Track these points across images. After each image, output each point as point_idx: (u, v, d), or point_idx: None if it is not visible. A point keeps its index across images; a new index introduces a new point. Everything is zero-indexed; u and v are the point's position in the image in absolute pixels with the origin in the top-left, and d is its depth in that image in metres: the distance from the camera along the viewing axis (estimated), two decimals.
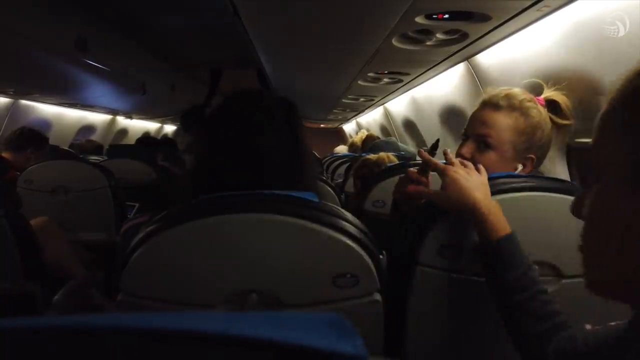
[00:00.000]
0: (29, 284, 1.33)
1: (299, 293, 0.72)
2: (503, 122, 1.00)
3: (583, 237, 0.46)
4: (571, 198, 0.82)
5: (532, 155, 1.01)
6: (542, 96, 1.07)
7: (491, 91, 1.06)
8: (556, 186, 0.86)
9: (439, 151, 0.98)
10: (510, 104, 1.01)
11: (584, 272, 0.47)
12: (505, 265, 0.74)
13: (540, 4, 1.24)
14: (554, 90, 1.08)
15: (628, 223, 0.41)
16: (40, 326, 0.14)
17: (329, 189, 1.81)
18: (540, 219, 0.85)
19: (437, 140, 1.04)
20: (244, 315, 0.15)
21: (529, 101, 1.02)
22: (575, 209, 0.49)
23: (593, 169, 0.45)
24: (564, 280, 0.86)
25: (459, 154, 1.03)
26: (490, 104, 1.02)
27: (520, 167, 1.02)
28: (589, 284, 0.46)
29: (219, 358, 0.13)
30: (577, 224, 0.70)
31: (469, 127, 1.05)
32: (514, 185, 0.86)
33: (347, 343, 0.14)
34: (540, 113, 1.02)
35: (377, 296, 0.74)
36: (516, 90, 1.04)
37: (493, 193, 0.85)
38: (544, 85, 1.11)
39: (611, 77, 1.12)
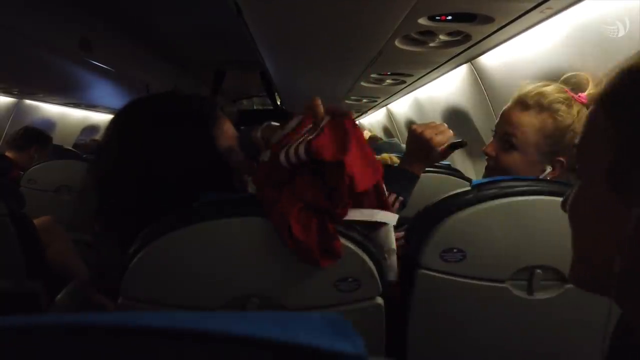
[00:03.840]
0: (32, 282, 1.33)
1: (301, 297, 0.72)
2: (529, 123, 0.96)
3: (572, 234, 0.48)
4: None
5: (562, 159, 0.97)
6: (586, 92, 1.01)
7: (524, 87, 1.01)
8: (561, 190, 0.85)
9: None
10: (539, 104, 0.96)
11: (570, 267, 0.48)
12: None
13: (543, 6, 1.24)
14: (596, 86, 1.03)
15: (602, 223, 0.42)
16: (44, 324, 0.14)
17: None
18: (544, 223, 0.84)
19: (462, 141, 1.01)
20: (245, 315, 0.15)
21: (562, 101, 0.97)
22: (563, 205, 0.51)
23: (577, 166, 0.46)
24: (567, 285, 0.86)
25: (484, 151, 1.04)
26: (519, 103, 0.99)
27: (548, 169, 0.98)
28: (571, 277, 0.48)
29: (219, 357, 0.13)
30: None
31: (498, 124, 1.03)
32: (518, 189, 0.85)
33: (347, 342, 0.14)
34: (574, 114, 0.96)
35: (379, 300, 0.74)
36: (549, 89, 0.99)
37: (497, 197, 0.85)
38: (589, 79, 1.06)
39: None
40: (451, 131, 1.01)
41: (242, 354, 0.13)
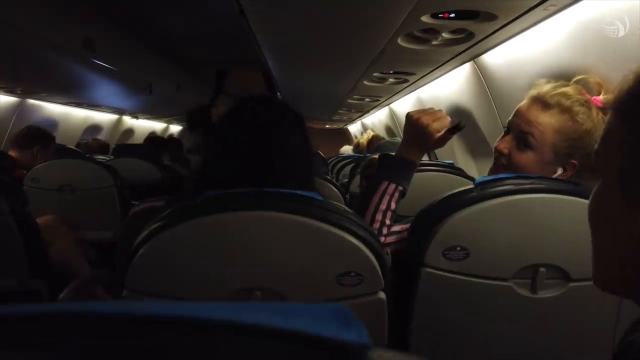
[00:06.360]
0: (35, 281, 1.33)
1: (304, 291, 0.72)
2: (548, 123, 0.94)
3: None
4: (582, 200, 0.81)
5: (575, 161, 0.95)
6: (601, 96, 0.99)
7: (541, 86, 0.98)
8: (566, 188, 0.84)
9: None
10: (560, 105, 0.94)
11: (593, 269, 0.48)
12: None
13: (546, 3, 1.23)
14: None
15: (615, 224, 0.42)
16: (54, 312, 0.14)
17: (334, 188, 1.81)
18: (548, 221, 0.84)
19: (460, 123, 1.00)
20: (250, 305, 0.15)
21: (583, 104, 0.95)
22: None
23: (596, 171, 0.46)
24: (571, 284, 0.85)
25: (496, 148, 1.01)
26: (539, 101, 0.96)
27: (560, 171, 0.96)
28: (593, 279, 0.47)
29: (224, 345, 0.13)
30: (587, 227, 0.68)
31: (513, 121, 1.00)
32: (523, 187, 0.85)
33: (351, 332, 0.14)
34: (593, 118, 0.94)
35: (382, 295, 0.74)
36: (570, 90, 0.96)
37: (500, 194, 0.84)
38: (600, 84, 1.04)
39: (618, 76, 1.11)
40: (449, 117, 1.00)
41: (247, 343, 0.13)
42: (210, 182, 0.83)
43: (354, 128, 7.61)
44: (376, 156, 2.03)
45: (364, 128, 6.14)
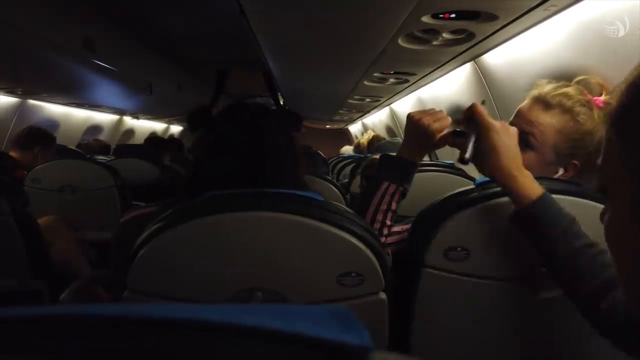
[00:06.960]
0: (36, 281, 1.33)
1: (304, 291, 0.72)
2: (549, 123, 0.94)
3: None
4: (583, 201, 0.81)
5: (576, 162, 0.95)
6: (602, 97, 0.99)
7: (543, 86, 0.99)
8: (567, 189, 0.84)
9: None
10: (561, 105, 0.94)
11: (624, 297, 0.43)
12: (542, 226, 0.72)
13: (547, 4, 1.24)
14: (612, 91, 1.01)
15: (629, 244, 0.38)
16: (54, 314, 0.14)
17: (334, 189, 1.81)
18: None
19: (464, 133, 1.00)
20: (250, 307, 0.15)
21: (584, 104, 0.95)
22: (602, 219, 0.46)
23: (604, 188, 0.43)
24: None
25: None
26: (540, 102, 0.96)
27: (561, 171, 0.96)
28: (625, 307, 0.44)
29: (225, 348, 0.13)
30: (588, 226, 0.68)
31: (514, 121, 1.00)
32: None
33: (352, 334, 0.14)
34: (594, 118, 0.94)
35: (382, 295, 0.74)
36: (572, 90, 0.96)
37: (501, 195, 0.84)
38: (603, 84, 1.04)
39: (619, 76, 1.11)
40: (450, 118, 1.00)
41: (247, 345, 0.13)
42: (202, 182, 0.84)
43: (354, 128, 7.61)
44: (377, 156, 2.03)
45: (365, 128, 6.13)
